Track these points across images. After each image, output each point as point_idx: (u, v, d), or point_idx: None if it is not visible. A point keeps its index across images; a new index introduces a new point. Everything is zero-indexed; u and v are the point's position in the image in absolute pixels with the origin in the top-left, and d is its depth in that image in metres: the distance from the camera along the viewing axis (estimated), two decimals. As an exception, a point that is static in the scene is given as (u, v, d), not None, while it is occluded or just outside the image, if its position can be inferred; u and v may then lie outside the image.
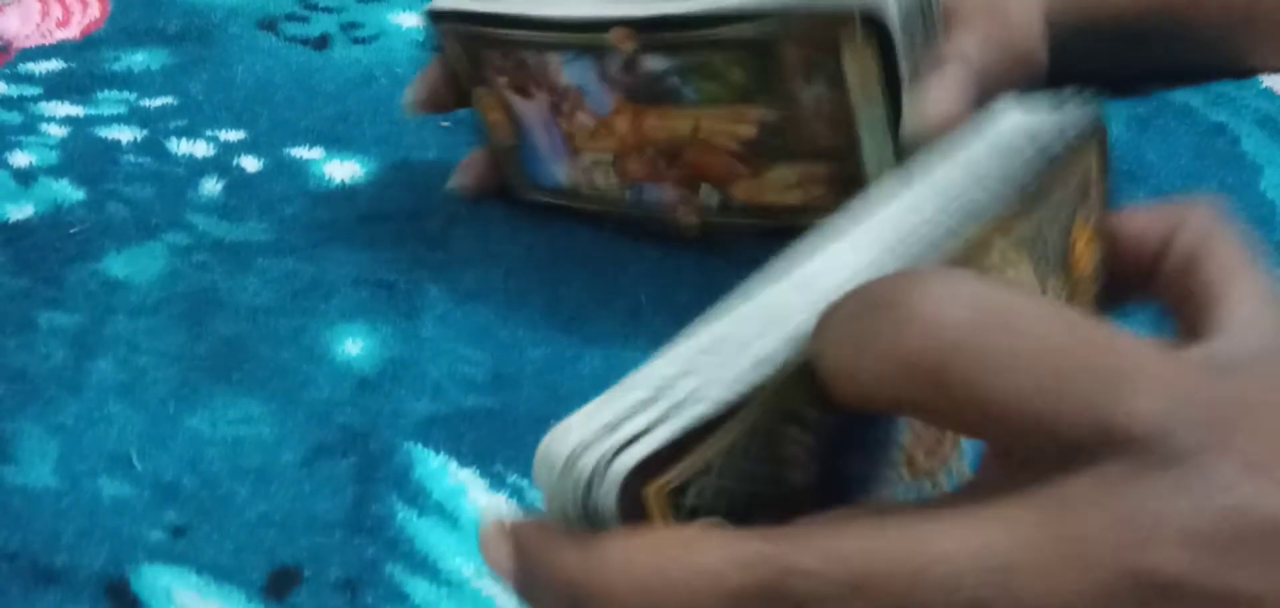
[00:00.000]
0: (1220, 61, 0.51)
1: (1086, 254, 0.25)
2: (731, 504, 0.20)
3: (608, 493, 0.19)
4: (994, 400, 0.19)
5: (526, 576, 0.22)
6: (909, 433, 0.22)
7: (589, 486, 0.20)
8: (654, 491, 0.19)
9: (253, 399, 0.35)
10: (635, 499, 0.19)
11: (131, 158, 0.45)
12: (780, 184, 0.39)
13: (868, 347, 0.19)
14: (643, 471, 0.19)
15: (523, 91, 0.40)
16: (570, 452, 0.20)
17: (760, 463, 0.20)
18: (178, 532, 0.31)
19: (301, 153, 0.45)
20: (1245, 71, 0.51)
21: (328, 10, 0.55)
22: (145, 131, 0.46)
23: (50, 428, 0.34)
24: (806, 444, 0.21)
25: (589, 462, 0.20)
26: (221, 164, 0.44)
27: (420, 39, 0.53)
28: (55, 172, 0.44)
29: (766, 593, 0.19)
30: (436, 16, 0.40)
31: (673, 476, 0.20)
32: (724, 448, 0.20)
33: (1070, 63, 0.41)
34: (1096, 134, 0.24)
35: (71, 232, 0.41)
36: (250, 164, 0.44)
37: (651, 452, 0.19)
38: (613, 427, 0.20)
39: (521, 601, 0.22)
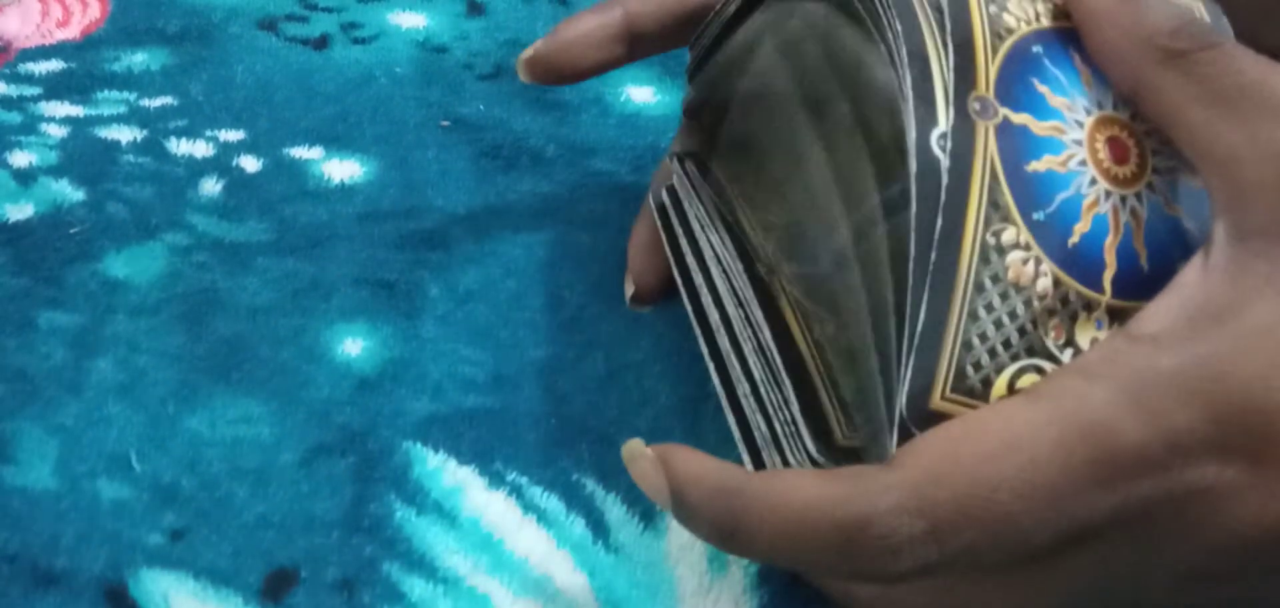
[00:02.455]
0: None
1: None
2: None
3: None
4: None
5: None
6: None
7: None
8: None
9: (252, 399, 0.35)
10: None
11: (131, 158, 0.45)
12: None
13: None
14: None
15: None
16: None
17: None
18: (176, 535, 0.31)
19: (301, 153, 0.45)
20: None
21: (328, 10, 0.55)
22: (145, 132, 0.46)
23: (50, 428, 0.34)
24: None
25: None
26: (221, 164, 0.44)
27: (420, 39, 0.53)
28: (55, 172, 0.44)
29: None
30: None
31: None
32: None
33: None
34: None
35: (71, 232, 0.41)
36: (250, 164, 0.44)
37: None
38: None
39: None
